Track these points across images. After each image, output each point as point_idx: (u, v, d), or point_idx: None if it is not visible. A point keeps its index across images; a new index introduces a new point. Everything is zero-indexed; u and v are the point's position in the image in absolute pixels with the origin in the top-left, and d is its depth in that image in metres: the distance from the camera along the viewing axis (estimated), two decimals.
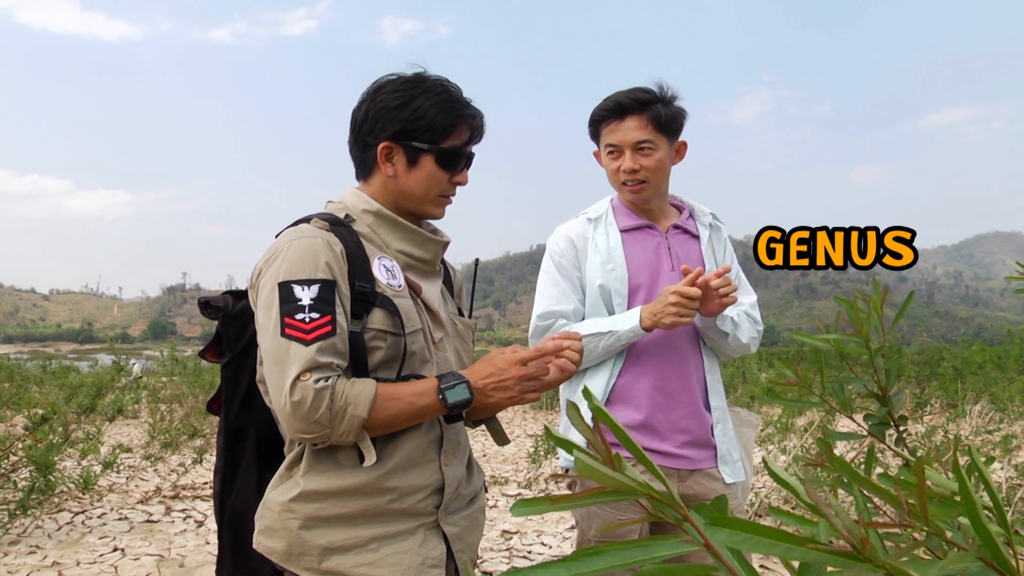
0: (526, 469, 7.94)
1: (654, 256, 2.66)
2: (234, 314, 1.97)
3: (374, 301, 1.81)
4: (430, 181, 1.93)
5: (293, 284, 1.72)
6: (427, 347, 1.91)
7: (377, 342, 1.80)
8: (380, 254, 1.90)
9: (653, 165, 2.59)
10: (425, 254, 1.99)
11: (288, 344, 1.69)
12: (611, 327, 2.52)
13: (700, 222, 2.80)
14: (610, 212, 2.74)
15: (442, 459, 1.91)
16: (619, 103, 2.58)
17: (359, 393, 1.70)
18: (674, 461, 2.55)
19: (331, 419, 1.67)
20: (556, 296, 2.65)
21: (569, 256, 2.68)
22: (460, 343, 2.10)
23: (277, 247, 1.80)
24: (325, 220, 1.86)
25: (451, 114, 1.90)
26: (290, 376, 1.66)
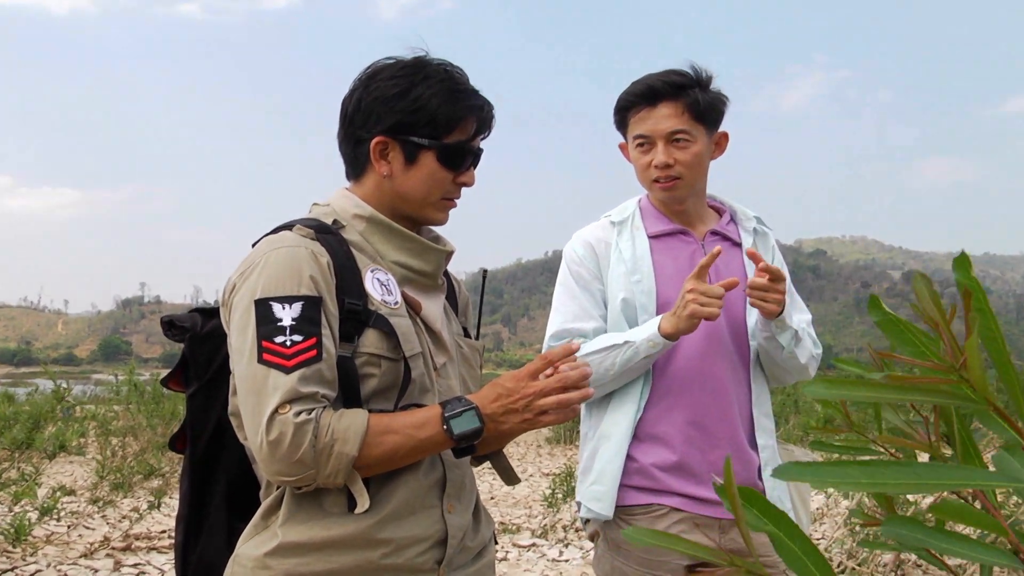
0: (541, 515, 7.92)
1: (688, 266, 2.64)
2: (203, 335, 1.97)
3: (367, 320, 1.81)
4: (431, 181, 1.94)
5: (272, 302, 1.73)
6: (428, 374, 1.92)
7: (370, 368, 1.81)
8: (373, 266, 1.90)
9: (689, 159, 2.59)
10: (425, 266, 2.00)
11: (266, 371, 1.69)
12: (627, 338, 2.51)
13: (743, 227, 2.80)
14: (637, 215, 2.74)
15: (445, 505, 1.91)
16: (651, 87, 2.59)
17: (348, 427, 1.70)
18: (713, 509, 2.54)
19: (315, 458, 1.67)
20: (574, 311, 2.65)
21: (589, 265, 2.68)
22: (466, 369, 2.11)
23: (253, 259, 1.81)
24: (310, 227, 1.86)
25: (456, 105, 1.91)
26: (268, 409, 1.66)
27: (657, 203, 2.73)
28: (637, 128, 2.62)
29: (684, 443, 2.54)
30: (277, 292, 1.73)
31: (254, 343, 1.71)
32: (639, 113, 2.61)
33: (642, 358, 2.50)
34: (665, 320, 2.48)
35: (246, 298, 1.76)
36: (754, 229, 2.80)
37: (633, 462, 2.56)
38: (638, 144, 2.64)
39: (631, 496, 2.55)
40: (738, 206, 2.85)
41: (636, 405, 2.58)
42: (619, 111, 2.68)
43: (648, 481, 2.55)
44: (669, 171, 2.59)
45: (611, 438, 2.58)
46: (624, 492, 2.55)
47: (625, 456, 2.55)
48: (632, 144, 2.66)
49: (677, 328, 2.44)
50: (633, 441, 2.57)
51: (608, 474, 2.56)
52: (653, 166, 2.60)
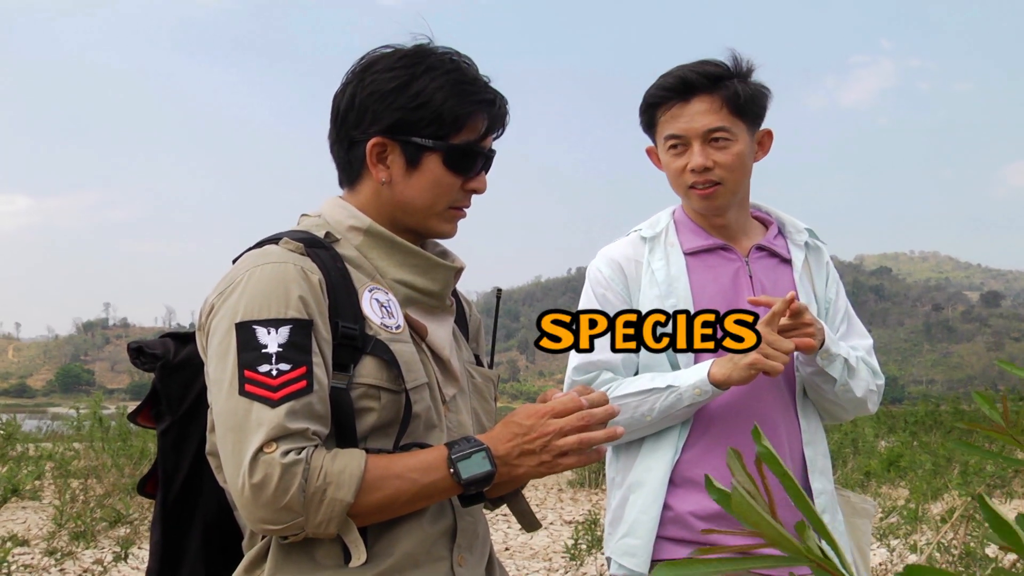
0: (563, 568, 7.90)
1: (731, 287, 2.66)
2: (176, 364, 1.96)
3: (364, 347, 1.81)
4: (437, 188, 1.94)
5: (256, 325, 1.72)
6: (435, 408, 1.91)
7: (368, 401, 1.81)
8: (372, 285, 1.90)
9: (730, 161, 2.59)
10: (431, 284, 1.99)
11: (248, 404, 1.68)
12: (670, 382, 2.51)
13: (792, 241, 2.80)
14: (671, 229, 2.74)
15: (455, 558, 1.91)
16: (683, 79, 2.58)
17: (343, 469, 1.69)
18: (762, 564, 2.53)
19: (305, 504, 1.66)
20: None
21: (616, 287, 2.68)
22: (479, 401, 2.10)
23: (234, 276, 1.81)
24: (299, 240, 1.86)
25: (464, 99, 1.91)
26: (251, 447, 1.65)
27: (694, 214, 2.73)
28: (669, 127, 2.61)
29: (725, 488, 2.53)
30: (262, 314, 1.73)
31: (235, 372, 1.70)
32: (670, 110, 2.60)
33: (685, 406, 2.50)
34: (717, 365, 2.47)
35: (226, 321, 1.75)
36: (805, 244, 2.79)
37: (668, 510, 2.56)
38: (670, 146, 2.62)
39: (667, 549, 2.55)
40: (786, 216, 2.85)
41: (674, 448, 2.57)
42: (646, 109, 2.67)
43: (685, 532, 2.55)
44: (708, 175, 2.58)
45: (645, 485, 2.58)
46: (659, 545, 2.55)
47: (663, 504, 2.55)
48: (663, 146, 2.64)
49: (730, 377, 2.44)
50: (668, 486, 2.56)
51: (643, 525, 2.55)
52: (689, 170, 2.59)
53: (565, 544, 7.96)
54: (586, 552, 7.53)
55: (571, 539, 7.79)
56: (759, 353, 2.38)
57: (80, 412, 11.71)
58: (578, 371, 2.64)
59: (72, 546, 7.49)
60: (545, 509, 12.53)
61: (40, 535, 8.51)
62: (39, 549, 7.90)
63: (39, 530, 8.99)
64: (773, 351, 2.40)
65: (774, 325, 2.43)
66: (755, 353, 2.38)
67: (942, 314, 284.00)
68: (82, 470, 11.22)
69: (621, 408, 2.54)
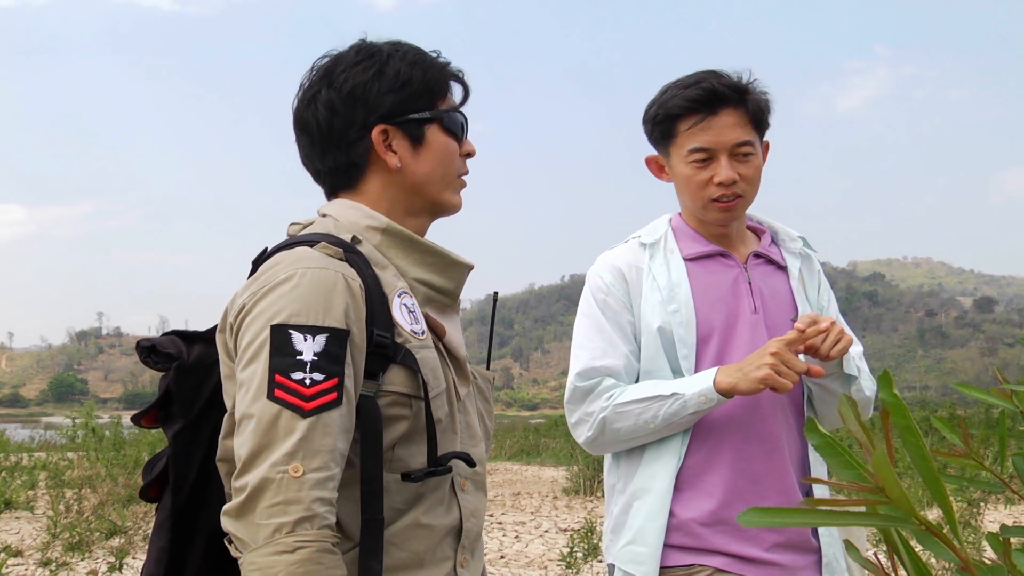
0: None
1: (731, 293, 2.66)
2: (190, 365, 1.93)
3: (394, 356, 1.79)
4: (445, 157, 1.98)
5: (292, 330, 1.69)
6: (450, 411, 1.90)
7: (399, 409, 1.79)
8: (400, 288, 1.88)
9: (752, 174, 2.61)
10: (448, 283, 1.99)
11: (278, 411, 1.65)
12: (675, 389, 2.51)
13: (787, 249, 2.81)
14: (670, 236, 2.74)
15: (459, 559, 1.90)
16: (714, 91, 2.57)
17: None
18: (763, 570, 2.54)
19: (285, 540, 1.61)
20: (601, 347, 2.64)
21: (618, 294, 2.68)
22: (481, 402, 2.09)
23: (272, 277, 1.76)
24: (337, 245, 1.83)
25: (437, 70, 1.97)
26: (273, 454, 1.63)
27: (694, 222, 2.74)
28: (694, 140, 2.59)
29: (729, 495, 2.54)
30: (299, 320, 1.69)
31: (265, 375, 1.67)
32: (699, 123, 2.58)
33: (690, 413, 2.50)
34: (724, 373, 2.47)
35: (260, 322, 1.72)
36: (799, 252, 2.81)
37: (671, 517, 2.55)
38: (696, 159, 2.60)
39: (669, 556, 2.54)
40: (779, 225, 2.86)
41: (677, 455, 2.57)
42: (666, 119, 2.64)
43: (689, 539, 2.54)
44: (734, 188, 2.59)
45: (651, 492, 2.57)
46: (663, 552, 2.54)
47: (669, 511, 2.55)
48: (684, 158, 2.62)
49: (736, 387, 2.44)
50: (674, 492, 2.56)
51: (650, 533, 2.55)
52: (715, 183, 2.58)
53: (561, 552, 7.95)
54: (582, 560, 7.53)
55: (567, 547, 7.78)
56: (772, 370, 2.39)
57: (75, 423, 11.69)
58: (580, 377, 2.63)
59: (66, 557, 7.47)
60: (540, 517, 12.54)
61: (34, 546, 8.48)
62: (33, 560, 7.88)
63: (33, 540, 8.97)
64: (786, 370, 2.40)
65: (794, 346, 2.43)
66: (768, 369, 2.38)
67: (935, 320, 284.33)
68: (76, 480, 11.19)
69: (625, 415, 2.54)
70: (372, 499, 1.75)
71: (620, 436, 2.59)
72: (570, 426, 2.70)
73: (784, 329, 2.63)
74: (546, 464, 22.55)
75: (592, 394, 2.61)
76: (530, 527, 11.50)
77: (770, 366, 2.39)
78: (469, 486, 1.96)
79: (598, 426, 2.58)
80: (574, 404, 2.65)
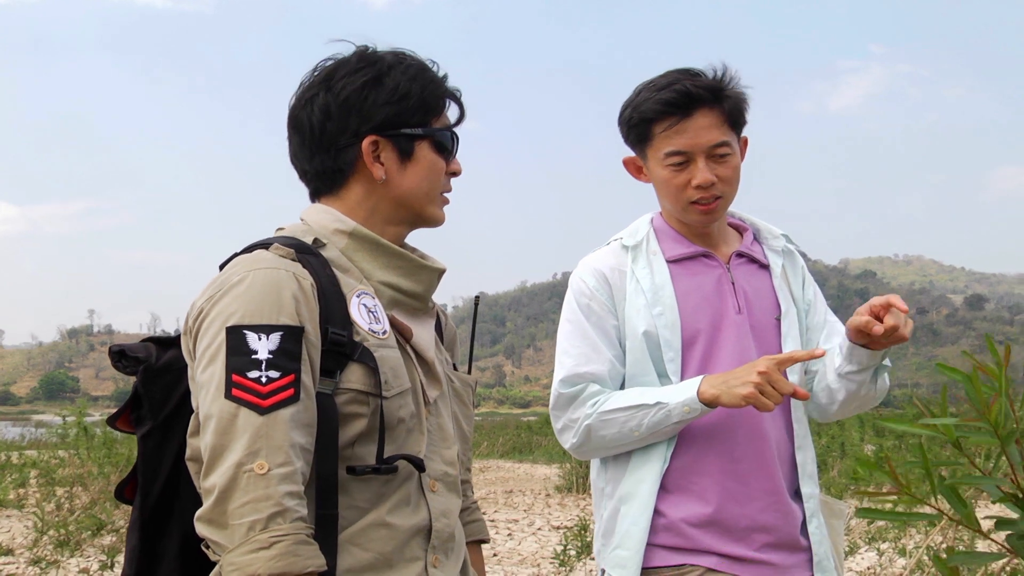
0: (552, 574, 7.89)
1: (715, 294, 2.65)
2: (158, 368, 1.95)
3: (351, 354, 1.82)
4: (431, 174, 1.99)
5: (247, 330, 1.73)
6: (417, 412, 1.92)
7: (356, 407, 1.81)
8: (360, 289, 1.91)
9: (731, 175, 2.59)
10: (416, 286, 2.01)
11: (236, 409, 1.69)
12: (659, 398, 2.49)
13: (769, 247, 2.80)
14: (652, 237, 2.73)
15: (429, 559, 1.91)
16: (686, 93, 2.54)
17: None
18: (755, 569, 2.53)
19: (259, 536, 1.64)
20: (585, 353, 2.62)
21: (601, 298, 2.66)
22: (458, 405, 2.12)
23: (226, 281, 1.81)
24: (289, 246, 1.87)
25: (434, 86, 1.98)
26: (233, 454, 1.66)
27: (675, 222, 2.72)
28: (670, 143, 2.56)
29: (718, 495, 2.53)
30: (253, 320, 1.74)
31: (223, 376, 1.71)
32: (674, 125, 2.55)
33: (674, 422, 2.49)
34: (708, 383, 2.46)
35: (216, 324, 1.76)
36: (782, 249, 2.80)
37: (661, 517, 2.55)
38: (673, 162, 2.58)
39: (659, 556, 2.54)
40: (761, 223, 2.85)
41: (663, 458, 2.57)
42: (640, 123, 2.61)
43: (678, 539, 2.54)
44: (712, 190, 2.57)
45: (636, 496, 2.57)
46: (651, 552, 2.54)
47: (652, 513, 2.55)
48: (661, 161, 2.60)
49: (719, 399, 2.42)
50: (660, 493, 2.56)
51: (633, 536, 2.54)
52: (694, 186, 2.57)
53: (554, 550, 7.96)
54: (575, 558, 7.52)
55: (560, 545, 7.78)
56: (757, 389, 2.36)
57: (66, 420, 11.67)
58: (564, 383, 2.61)
59: (57, 555, 7.45)
60: (533, 515, 12.54)
61: (24, 544, 8.46)
62: (23, 558, 7.86)
63: (23, 539, 8.94)
64: (771, 390, 2.37)
65: (784, 367, 2.42)
66: (752, 388, 2.36)
67: (926, 317, 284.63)
68: (67, 478, 11.18)
69: (610, 422, 2.53)
70: (326, 495, 1.78)
71: (606, 443, 2.58)
72: (556, 432, 2.70)
73: (768, 328, 2.65)
74: (539, 462, 22.55)
75: (577, 400, 2.60)
76: (523, 525, 11.49)
77: (755, 384, 2.37)
78: (440, 487, 1.98)
79: (583, 433, 2.58)
80: (559, 410, 2.64)
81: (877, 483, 1.20)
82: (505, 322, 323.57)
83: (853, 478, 11.06)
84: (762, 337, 2.63)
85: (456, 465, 2.04)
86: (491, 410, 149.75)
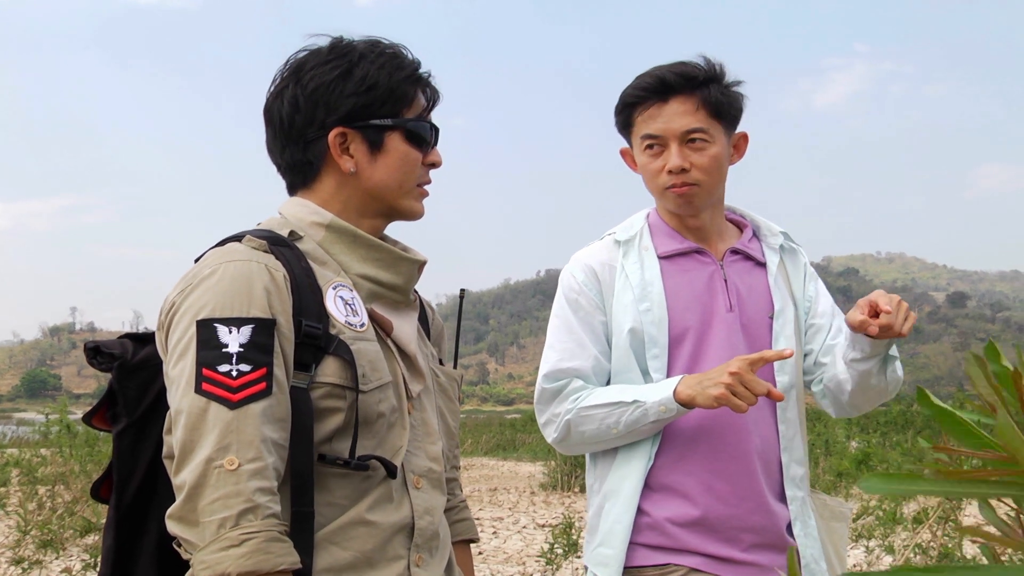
0: (538, 572, 7.88)
1: (705, 291, 2.64)
2: (134, 364, 1.94)
3: (327, 347, 1.80)
4: (404, 166, 1.96)
5: (217, 324, 1.72)
6: (399, 406, 1.91)
7: (333, 401, 1.80)
8: (337, 281, 1.89)
9: (707, 162, 2.57)
10: (395, 278, 1.99)
11: (206, 404, 1.68)
12: (636, 396, 2.48)
13: (767, 244, 2.78)
14: (646, 232, 2.72)
15: (412, 558, 1.89)
16: (661, 79, 2.56)
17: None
18: (740, 570, 2.52)
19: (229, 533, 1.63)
20: (570, 349, 2.62)
21: (590, 294, 2.65)
22: (444, 400, 2.11)
23: (197, 274, 1.80)
24: (262, 238, 1.86)
25: (405, 76, 1.95)
26: (203, 451, 1.65)
27: (668, 217, 2.71)
28: (645, 127, 2.59)
29: (702, 494, 2.52)
30: (224, 313, 1.73)
31: (193, 370, 1.70)
32: (648, 110, 2.58)
33: (651, 421, 2.48)
34: (685, 384, 2.44)
35: (187, 318, 1.75)
36: (780, 247, 2.78)
37: (645, 516, 2.54)
38: (647, 146, 2.60)
39: (642, 555, 2.53)
40: (761, 219, 2.83)
41: (647, 456, 2.55)
42: (623, 109, 2.65)
43: (662, 538, 2.53)
44: (685, 176, 2.55)
45: (620, 494, 2.56)
46: (634, 551, 2.53)
47: (635, 512, 2.54)
48: (640, 146, 2.62)
49: (694, 400, 2.40)
50: (644, 491, 2.55)
51: (616, 535, 2.54)
52: (666, 171, 2.56)
53: (541, 548, 7.95)
54: (562, 556, 7.50)
55: (546, 543, 7.76)
56: (729, 391, 2.33)
57: (48, 418, 11.59)
58: (548, 378, 2.60)
59: (39, 555, 7.41)
60: (517, 512, 12.54)
61: (6, 544, 8.41)
62: (5, 558, 7.81)
63: (4, 538, 8.88)
64: (744, 391, 2.34)
65: (756, 366, 2.38)
66: (723, 389, 2.34)
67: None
68: (49, 477, 11.12)
69: (589, 418, 2.52)
70: (301, 492, 1.76)
71: (585, 439, 2.58)
72: (540, 426, 2.70)
73: (759, 326, 2.64)
74: (523, 459, 22.56)
75: (560, 395, 2.59)
76: (508, 523, 11.49)
77: (726, 385, 2.34)
78: (424, 483, 1.96)
79: (563, 428, 2.57)
80: (543, 405, 2.64)
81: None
82: (488, 319, 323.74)
83: (838, 474, 11.09)
84: (753, 336, 2.62)
85: (441, 461, 2.02)
86: (475, 408, 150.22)
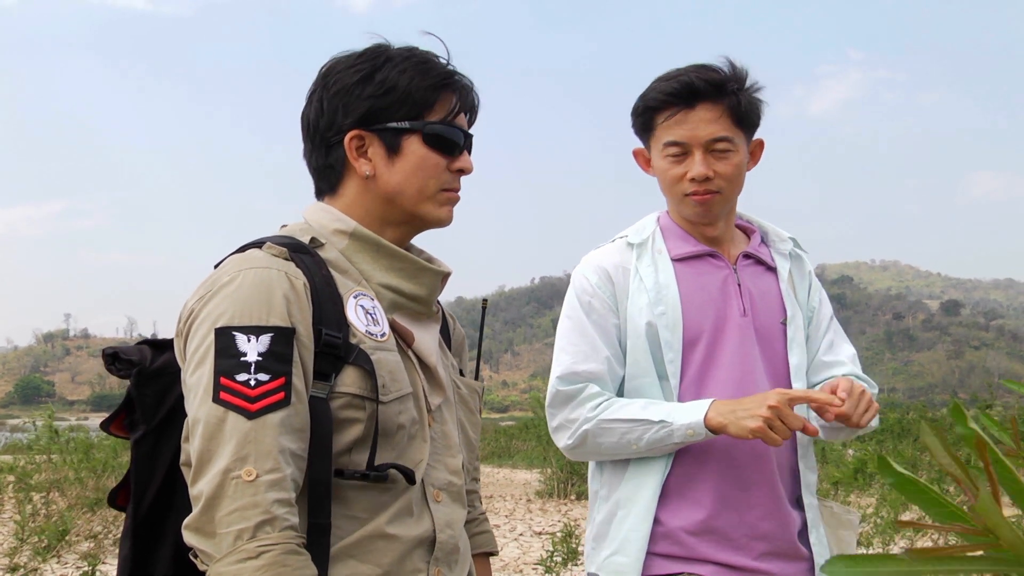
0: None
1: (719, 295, 2.62)
2: (152, 371, 1.92)
3: (347, 356, 1.78)
4: (422, 170, 1.92)
5: (236, 332, 1.70)
6: (419, 418, 1.88)
7: (352, 412, 1.77)
8: (358, 290, 1.87)
9: (730, 171, 2.55)
10: (418, 289, 1.97)
11: (223, 413, 1.66)
12: (663, 417, 2.44)
13: (776, 250, 2.78)
14: (658, 235, 2.70)
15: (432, 571, 1.87)
16: (689, 85, 2.52)
17: None
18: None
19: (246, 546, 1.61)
20: (584, 351, 2.59)
21: (603, 294, 2.63)
22: (465, 412, 2.08)
23: (216, 280, 1.78)
24: (283, 245, 1.83)
25: (429, 79, 1.91)
26: (220, 461, 1.63)
27: (682, 221, 2.70)
28: (670, 133, 2.55)
29: (717, 503, 2.50)
30: (243, 321, 1.70)
31: (211, 379, 1.68)
32: (674, 116, 2.54)
33: (675, 442, 2.45)
34: (716, 411, 2.40)
35: (205, 326, 1.73)
36: (789, 253, 2.78)
37: (658, 525, 2.51)
38: (670, 153, 2.57)
39: (656, 565, 2.51)
40: (769, 225, 2.83)
41: (664, 464, 2.53)
42: (645, 112, 2.61)
43: (676, 547, 2.51)
44: (707, 184, 2.54)
45: (636, 502, 2.53)
46: (650, 560, 2.51)
47: (653, 521, 2.51)
48: (661, 151, 2.59)
49: (726, 428, 2.37)
50: (660, 500, 2.52)
51: (633, 543, 2.51)
52: (689, 179, 2.54)
53: (540, 556, 7.92)
54: (561, 565, 7.48)
55: (545, 551, 7.74)
56: (766, 424, 2.31)
57: (36, 424, 11.59)
58: (562, 381, 2.58)
59: (35, 562, 7.39)
60: (514, 520, 12.52)
61: (2, 551, 8.38)
62: (1, 565, 7.78)
63: (1, 546, 8.85)
64: (780, 425, 2.31)
65: (795, 403, 2.37)
66: (761, 422, 2.30)
67: (903, 323, 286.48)
68: (44, 483, 11.09)
69: (609, 431, 2.49)
70: (319, 503, 1.74)
71: (601, 450, 2.55)
72: (551, 430, 2.66)
73: (773, 332, 2.62)
74: (518, 467, 22.53)
75: (575, 400, 2.56)
76: (504, 531, 11.46)
77: (764, 419, 2.30)
78: (444, 497, 1.94)
79: (580, 436, 2.54)
80: (555, 408, 2.60)
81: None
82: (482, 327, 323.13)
83: (834, 481, 11.08)
84: (767, 341, 2.61)
85: (461, 474, 2.00)
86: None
